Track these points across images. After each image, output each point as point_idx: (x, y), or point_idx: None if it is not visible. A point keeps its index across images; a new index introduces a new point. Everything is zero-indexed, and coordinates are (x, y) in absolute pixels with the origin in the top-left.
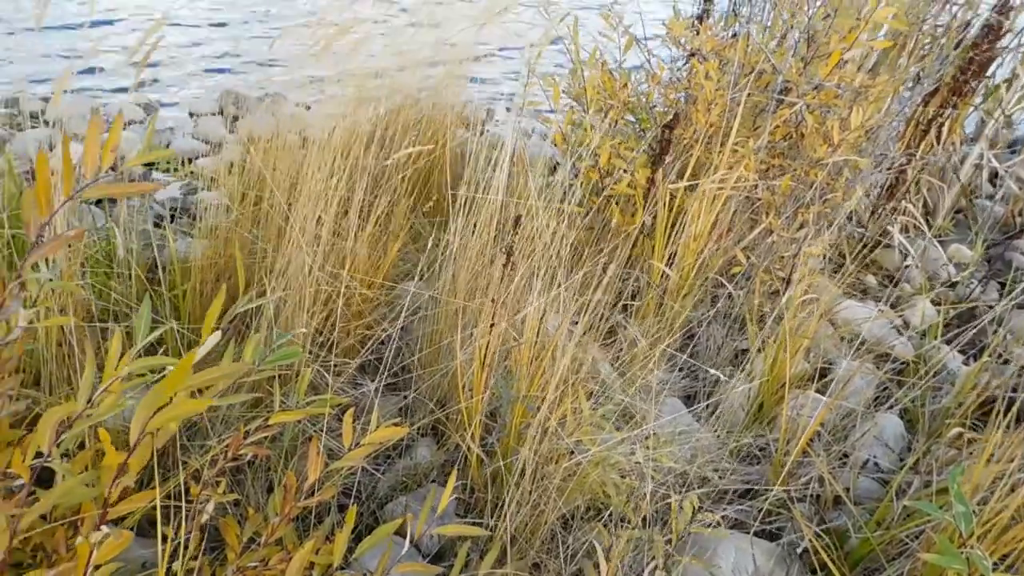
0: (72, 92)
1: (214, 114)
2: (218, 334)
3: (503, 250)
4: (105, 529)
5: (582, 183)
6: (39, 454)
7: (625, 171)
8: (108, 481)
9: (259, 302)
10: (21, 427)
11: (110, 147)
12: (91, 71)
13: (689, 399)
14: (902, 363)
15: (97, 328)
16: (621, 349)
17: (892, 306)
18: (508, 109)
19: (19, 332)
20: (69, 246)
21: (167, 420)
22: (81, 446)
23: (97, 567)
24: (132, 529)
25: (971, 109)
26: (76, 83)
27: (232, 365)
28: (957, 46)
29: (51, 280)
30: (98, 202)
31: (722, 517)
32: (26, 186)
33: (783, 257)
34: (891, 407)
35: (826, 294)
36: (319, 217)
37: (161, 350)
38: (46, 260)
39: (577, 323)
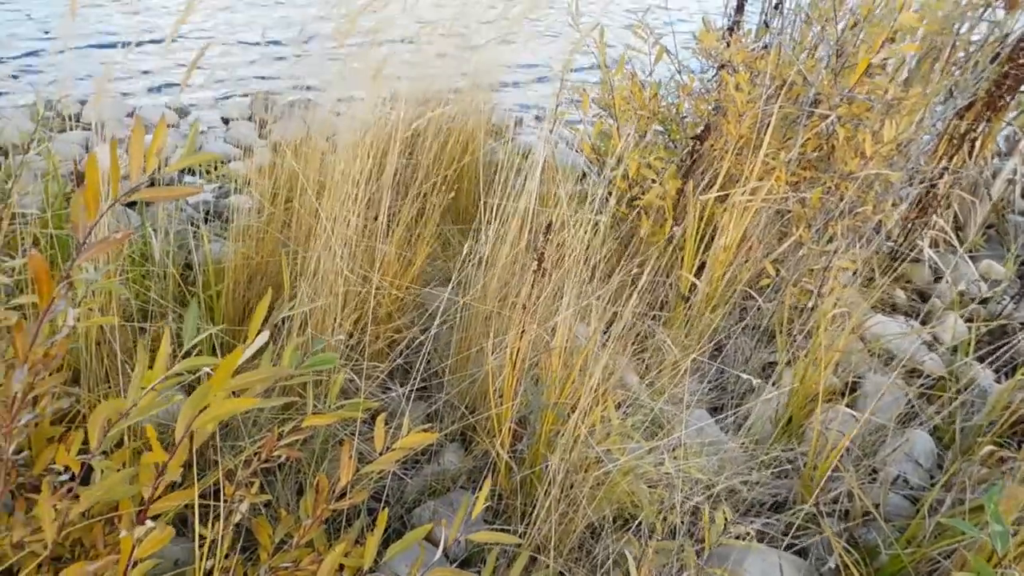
0: (108, 96)
1: (246, 119)
2: (265, 335)
3: (534, 257)
4: (150, 523)
5: (611, 192)
6: (82, 450)
7: (654, 181)
8: (147, 478)
9: (301, 308)
10: (61, 424)
11: (154, 151)
12: (129, 76)
13: (716, 410)
14: (932, 379)
15: (135, 328)
16: (649, 359)
17: (923, 322)
18: (538, 118)
19: (67, 331)
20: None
21: (212, 419)
22: (118, 444)
23: (135, 563)
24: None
25: (1004, 124)
26: (111, 87)
27: (272, 368)
28: (993, 60)
29: (97, 280)
30: (131, 204)
31: (750, 530)
32: (68, 187)
33: (812, 270)
34: (921, 424)
35: (856, 308)
36: (348, 220)
37: (196, 351)
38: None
39: (606, 332)
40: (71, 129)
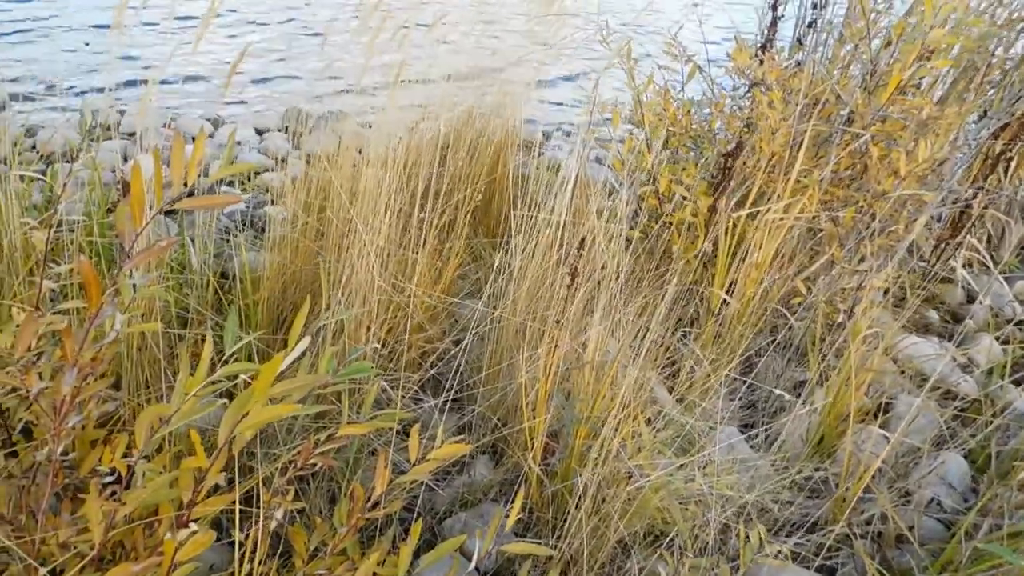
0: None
1: (279, 130)
2: (306, 342)
3: (568, 272)
4: (193, 527)
5: (641, 208)
6: (126, 453)
7: (685, 198)
8: (187, 482)
9: (338, 316)
10: (103, 427)
11: (195, 161)
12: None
13: (746, 427)
14: (966, 402)
15: (174, 334)
16: (679, 374)
17: (956, 343)
18: (568, 134)
19: (113, 336)
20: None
21: (252, 426)
22: (158, 448)
23: (175, 566)
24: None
25: None
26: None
27: (310, 377)
28: None
29: (143, 287)
30: (170, 213)
31: (784, 549)
32: (110, 195)
33: (844, 289)
34: (955, 446)
35: (888, 328)
36: (380, 230)
37: (232, 358)
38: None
39: (636, 347)
40: (111, 138)
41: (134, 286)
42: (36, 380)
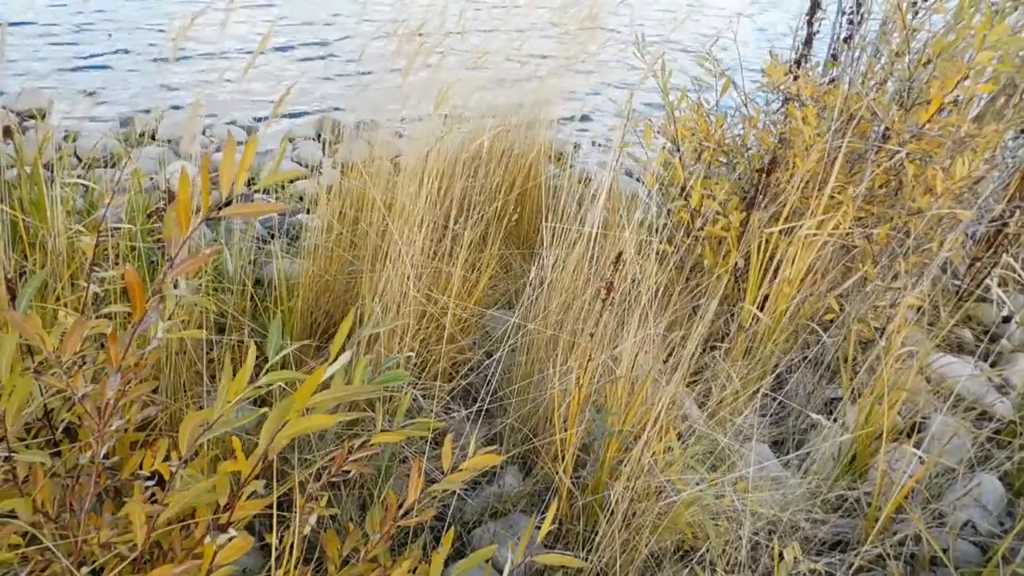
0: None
1: (311, 138)
2: (348, 355)
3: (604, 286)
4: (232, 532)
5: (673, 222)
6: (166, 457)
7: (718, 212)
8: (224, 486)
9: (374, 327)
10: (142, 430)
11: (244, 168)
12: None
13: (777, 444)
14: (1002, 423)
15: (211, 340)
16: (710, 390)
17: (991, 363)
18: (600, 146)
19: (157, 342)
20: None
21: (290, 435)
22: (195, 452)
23: (212, 569)
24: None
25: None
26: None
27: (349, 388)
28: None
29: (187, 296)
30: (206, 220)
31: (813, 569)
32: (149, 200)
33: (877, 307)
34: (991, 468)
35: (921, 347)
36: (416, 242)
37: (267, 365)
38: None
39: (666, 361)
40: (147, 144)
41: (186, 294)
42: (82, 383)
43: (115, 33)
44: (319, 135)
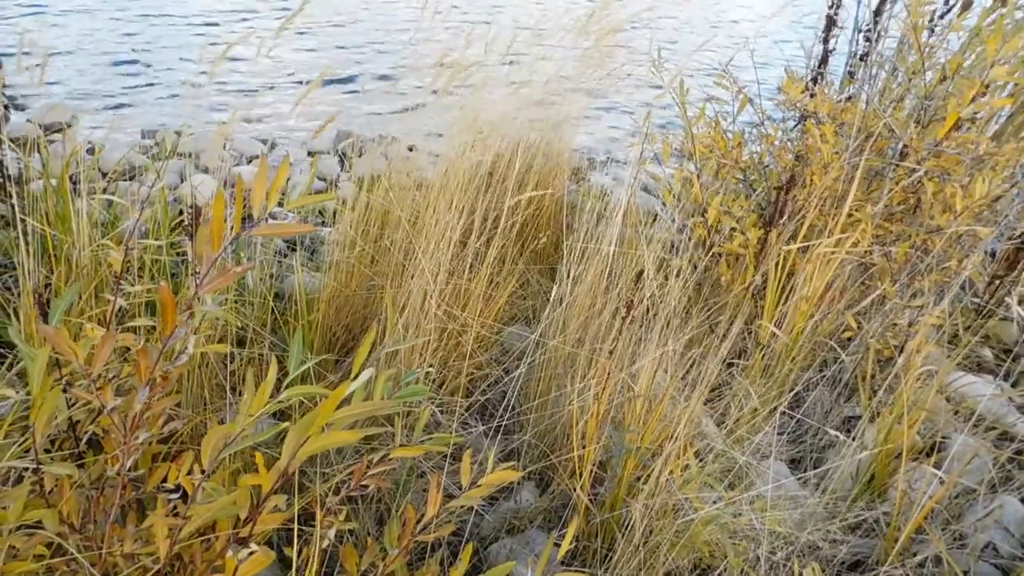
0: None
1: (331, 153)
2: (370, 371)
3: (624, 305)
4: (253, 546)
5: (689, 238)
6: (190, 470)
7: (735, 229)
8: (244, 500)
9: (396, 343)
10: (165, 443)
11: (276, 188)
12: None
13: (794, 463)
14: (1023, 443)
15: (232, 353)
16: (728, 407)
17: (1013, 384)
18: (618, 162)
19: (185, 357)
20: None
21: (312, 451)
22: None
23: None
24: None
25: None
26: (204, 116)
27: (371, 404)
28: None
29: (214, 310)
30: None
31: None
32: (170, 213)
33: (896, 325)
34: (1012, 489)
35: (940, 366)
36: (439, 258)
37: (288, 379)
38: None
39: (683, 378)
40: (168, 158)
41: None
42: (111, 396)
43: (146, 55)
44: (338, 150)
